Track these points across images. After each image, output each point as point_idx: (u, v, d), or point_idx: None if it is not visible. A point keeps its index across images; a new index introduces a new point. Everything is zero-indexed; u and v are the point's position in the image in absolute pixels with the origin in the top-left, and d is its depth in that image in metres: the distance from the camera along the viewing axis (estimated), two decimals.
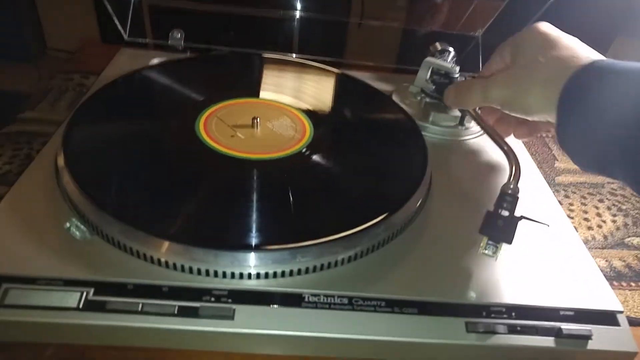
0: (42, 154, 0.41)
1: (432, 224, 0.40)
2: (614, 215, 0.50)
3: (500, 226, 0.36)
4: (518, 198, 0.38)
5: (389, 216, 0.37)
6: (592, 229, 0.49)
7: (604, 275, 0.37)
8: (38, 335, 0.31)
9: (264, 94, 0.51)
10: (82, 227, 0.35)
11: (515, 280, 0.36)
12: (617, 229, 0.49)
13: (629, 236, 0.48)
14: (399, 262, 0.36)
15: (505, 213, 0.37)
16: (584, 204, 0.52)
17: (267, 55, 0.58)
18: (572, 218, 0.50)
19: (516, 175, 0.41)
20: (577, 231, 0.43)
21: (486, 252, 0.36)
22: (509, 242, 0.35)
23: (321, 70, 0.57)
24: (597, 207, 0.51)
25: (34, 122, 0.52)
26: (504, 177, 0.41)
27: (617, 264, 0.45)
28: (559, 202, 0.51)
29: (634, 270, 0.45)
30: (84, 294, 0.31)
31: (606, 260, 0.45)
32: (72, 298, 0.31)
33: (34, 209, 0.36)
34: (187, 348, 0.33)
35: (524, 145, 0.61)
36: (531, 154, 0.59)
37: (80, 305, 0.31)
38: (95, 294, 0.32)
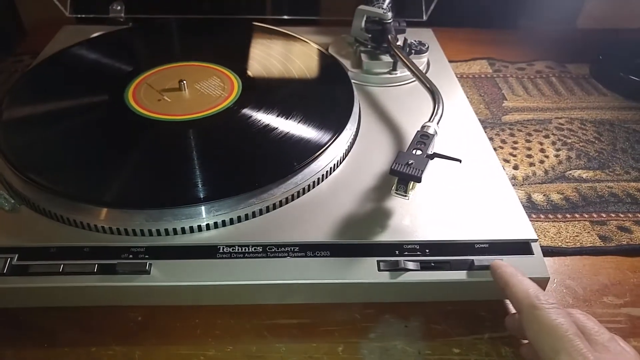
0: None
1: (356, 169, 0.41)
2: (558, 150, 0.50)
3: (409, 165, 0.36)
4: (434, 137, 0.38)
5: (305, 166, 0.38)
6: (534, 165, 0.48)
7: (540, 208, 0.37)
8: None
9: (193, 57, 0.51)
10: (9, 198, 0.37)
11: (432, 218, 0.37)
12: (560, 162, 0.49)
13: (570, 169, 0.48)
14: (317, 208, 0.37)
15: (418, 152, 0.37)
16: (529, 141, 0.51)
17: (194, 18, 0.58)
18: (514, 156, 0.49)
19: (436, 115, 0.41)
20: (518, 167, 0.43)
21: (398, 192, 0.36)
22: (418, 181, 0.36)
23: (250, 27, 0.56)
24: (541, 143, 0.51)
25: None
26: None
27: (555, 197, 0.45)
28: (504, 140, 0.51)
29: (571, 202, 0.44)
30: (8, 259, 0.33)
31: (544, 195, 0.45)
32: None
33: None
34: (108, 304, 0.35)
35: (472, 86, 0.60)
36: (480, 95, 0.59)
37: (4, 271, 0.33)
38: (19, 259, 0.33)
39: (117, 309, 0.36)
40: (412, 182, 0.36)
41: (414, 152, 0.37)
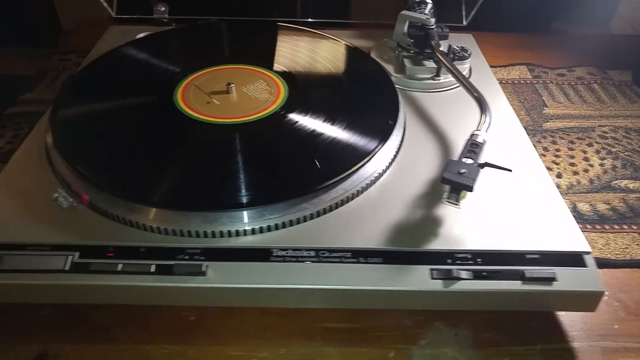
0: (34, 132, 0.44)
1: (404, 175, 0.41)
2: (603, 159, 0.49)
3: (461, 174, 0.36)
4: (484, 145, 0.38)
5: (355, 171, 0.38)
6: (578, 174, 0.48)
7: (586, 218, 0.37)
8: (31, 296, 0.35)
9: (240, 60, 0.51)
10: (68, 197, 0.38)
11: (482, 226, 0.37)
12: (605, 172, 0.48)
13: (616, 179, 0.47)
14: (367, 214, 0.37)
15: (470, 161, 0.37)
16: (572, 149, 0.51)
17: (241, 20, 0.59)
18: (557, 164, 0.49)
19: (484, 123, 0.41)
20: (562, 176, 0.43)
21: (449, 201, 0.36)
22: (471, 189, 0.36)
23: (298, 31, 0.57)
24: (585, 152, 0.50)
25: (34, 102, 0.55)
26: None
27: (601, 207, 0.45)
28: (546, 148, 0.51)
29: (619, 212, 0.44)
30: (70, 257, 0.34)
31: (590, 204, 0.45)
32: (59, 261, 0.34)
33: (26, 182, 0.39)
34: (163, 304, 0.35)
35: (512, 92, 0.60)
36: (520, 101, 0.58)
37: (67, 267, 0.34)
38: (80, 257, 0.34)
39: (170, 309, 0.37)
40: (464, 191, 0.36)
41: (464, 160, 0.37)
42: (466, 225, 0.37)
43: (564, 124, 0.54)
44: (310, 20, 0.69)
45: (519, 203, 0.39)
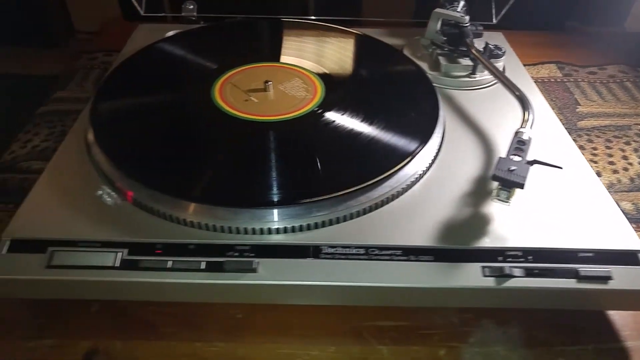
0: (74, 129, 0.44)
1: (447, 173, 0.41)
2: None
3: (512, 171, 0.36)
4: (530, 142, 0.38)
5: (401, 169, 0.38)
6: (618, 172, 0.48)
7: (630, 217, 0.37)
8: (82, 292, 0.34)
9: (274, 58, 0.51)
10: (112, 194, 0.38)
11: (532, 224, 0.36)
12: None
13: None
14: (414, 212, 0.37)
15: (518, 158, 0.37)
16: (609, 147, 0.50)
17: (274, 19, 0.59)
18: (595, 162, 0.49)
19: (528, 120, 0.40)
20: (601, 174, 0.43)
21: (499, 198, 0.36)
22: (521, 187, 0.35)
23: (330, 29, 0.57)
24: (623, 150, 0.50)
25: (65, 101, 0.55)
26: (517, 124, 0.41)
27: None
28: (582, 146, 0.51)
29: None
30: (120, 254, 0.34)
31: (632, 203, 0.44)
32: (109, 258, 0.34)
33: (69, 180, 0.39)
34: (214, 301, 0.35)
35: (542, 90, 0.59)
36: (552, 100, 0.58)
37: (117, 264, 0.34)
38: (129, 254, 0.34)
39: (217, 306, 0.37)
40: (513, 188, 0.36)
41: (512, 158, 0.37)
42: (515, 223, 0.36)
43: (598, 122, 0.54)
44: (322, 18, 0.68)
45: (567, 200, 0.38)
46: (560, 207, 0.38)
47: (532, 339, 0.35)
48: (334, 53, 0.53)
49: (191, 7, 0.59)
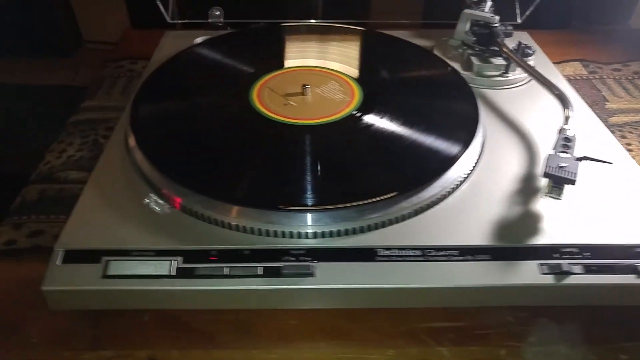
0: (113, 138, 0.44)
1: (492, 171, 0.41)
2: None
3: (562, 168, 0.36)
4: (575, 139, 0.38)
5: (450, 168, 0.38)
6: None
7: None
8: (138, 301, 0.34)
9: (308, 62, 0.51)
10: (160, 201, 0.38)
11: (585, 220, 0.36)
12: None
13: None
14: (464, 211, 0.37)
15: (566, 155, 0.37)
16: None
17: (305, 23, 0.59)
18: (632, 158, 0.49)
19: (570, 118, 0.41)
20: None
21: (551, 195, 0.36)
22: (573, 183, 0.35)
23: (361, 32, 0.57)
24: None
25: (95, 109, 0.54)
26: (554, 121, 0.41)
27: None
28: None
29: None
30: (175, 262, 0.34)
31: None
32: (164, 266, 0.33)
33: (115, 189, 0.39)
34: (271, 307, 0.35)
35: (574, 88, 0.60)
36: (580, 97, 0.58)
37: (173, 272, 0.33)
38: (184, 261, 0.34)
39: (271, 313, 0.36)
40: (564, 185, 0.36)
41: (560, 154, 0.37)
42: (567, 219, 0.36)
43: (629, 118, 0.54)
44: (330, 21, 0.68)
45: (617, 195, 0.38)
46: (611, 202, 0.38)
47: (589, 336, 0.35)
48: (367, 56, 0.53)
49: (217, 13, 0.59)
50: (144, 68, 0.60)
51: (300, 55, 0.53)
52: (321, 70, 0.50)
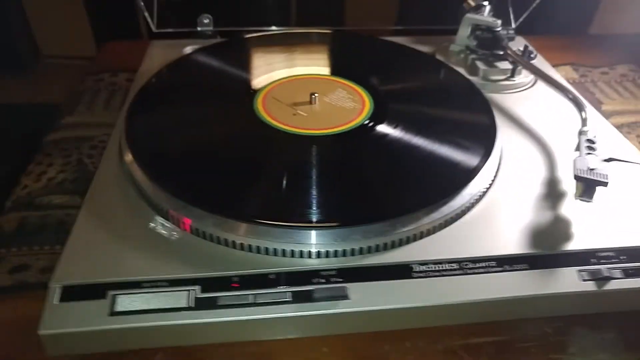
0: (106, 157, 0.40)
1: (514, 177, 0.39)
2: None
3: (592, 170, 0.35)
4: (597, 140, 0.38)
5: (476, 175, 0.36)
6: None
7: None
8: (151, 340, 0.30)
9: (311, 70, 0.49)
10: (167, 224, 0.34)
11: (617, 222, 0.36)
12: None
13: None
14: (494, 219, 0.36)
15: (593, 157, 0.36)
16: None
17: (302, 30, 0.56)
18: None
19: (587, 119, 0.40)
20: None
21: (582, 198, 0.35)
22: (605, 185, 0.35)
23: (364, 38, 0.55)
24: None
25: (76, 126, 0.50)
26: (565, 123, 0.41)
27: None
28: None
29: None
30: (192, 292, 0.30)
31: None
32: (182, 298, 0.30)
33: (114, 213, 0.35)
34: (301, 336, 0.32)
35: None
36: None
37: (192, 304, 0.30)
38: (203, 291, 0.30)
39: (296, 341, 0.33)
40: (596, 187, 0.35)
41: (587, 156, 0.36)
42: (599, 223, 0.36)
43: (625, 119, 0.55)
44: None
45: None
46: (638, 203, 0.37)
47: (631, 343, 0.34)
48: (375, 63, 0.51)
49: (206, 21, 0.56)
50: (127, 81, 0.56)
51: (302, 63, 0.50)
52: (326, 77, 0.47)
